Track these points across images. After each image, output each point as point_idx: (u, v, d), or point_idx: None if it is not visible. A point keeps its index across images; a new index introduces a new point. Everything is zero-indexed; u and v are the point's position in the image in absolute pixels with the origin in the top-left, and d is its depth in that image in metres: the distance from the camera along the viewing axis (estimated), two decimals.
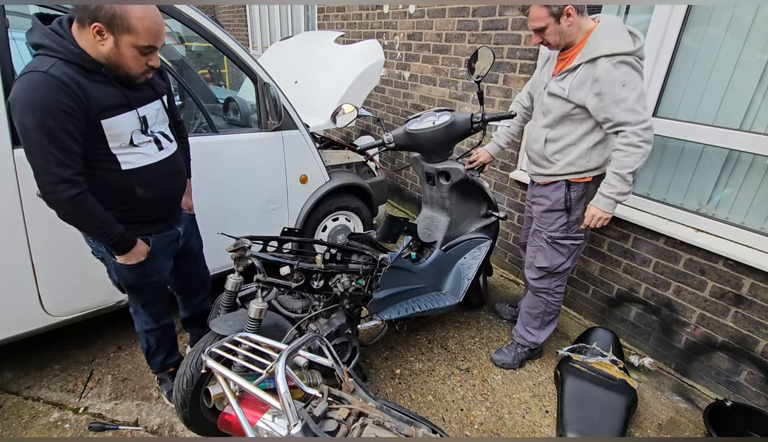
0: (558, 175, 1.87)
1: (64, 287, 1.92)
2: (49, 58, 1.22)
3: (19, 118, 1.19)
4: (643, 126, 1.59)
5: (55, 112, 1.18)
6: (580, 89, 1.69)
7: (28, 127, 1.18)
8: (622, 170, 1.65)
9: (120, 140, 1.36)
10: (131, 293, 1.64)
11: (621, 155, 1.64)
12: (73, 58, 1.23)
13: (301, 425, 0.93)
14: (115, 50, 1.25)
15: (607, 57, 1.60)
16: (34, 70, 1.19)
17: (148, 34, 1.25)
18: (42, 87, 1.18)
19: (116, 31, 1.22)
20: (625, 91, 1.58)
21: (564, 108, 1.76)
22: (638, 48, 1.60)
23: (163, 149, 1.50)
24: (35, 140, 1.19)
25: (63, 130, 1.20)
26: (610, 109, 1.62)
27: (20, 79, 1.20)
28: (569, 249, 1.96)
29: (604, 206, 1.74)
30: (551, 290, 2.07)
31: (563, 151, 1.83)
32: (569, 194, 1.87)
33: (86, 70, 1.26)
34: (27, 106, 1.17)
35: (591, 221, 1.79)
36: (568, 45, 1.74)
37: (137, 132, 1.41)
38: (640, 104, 1.59)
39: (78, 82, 1.23)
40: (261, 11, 6.76)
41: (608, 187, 1.71)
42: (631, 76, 1.58)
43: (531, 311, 2.16)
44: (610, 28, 1.65)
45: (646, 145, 1.61)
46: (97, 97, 1.27)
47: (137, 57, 1.28)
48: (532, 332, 2.19)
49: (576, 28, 1.68)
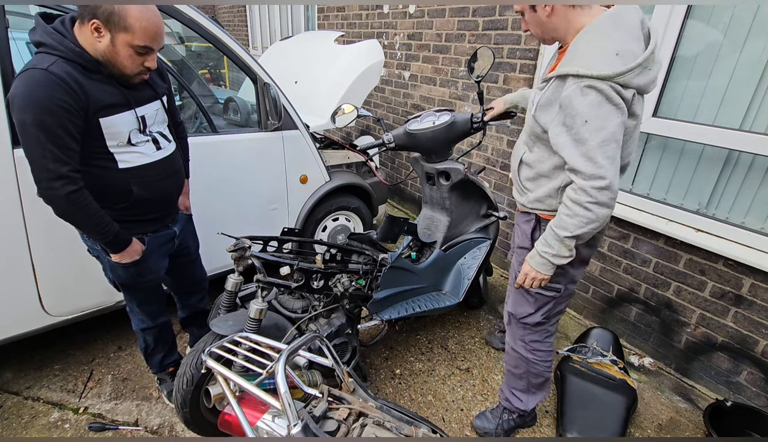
0: (527, 208, 1.52)
1: (64, 287, 1.92)
2: (50, 56, 1.22)
3: (18, 115, 1.19)
4: (598, 185, 1.18)
5: (54, 109, 1.19)
6: (547, 110, 1.30)
7: (27, 124, 1.18)
8: (560, 230, 1.29)
9: (118, 139, 1.37)
10: (126, 292, 1.64)
11: (563, 211, 1.28)
12: (73, 56, 1.24)
13: (301, 425, 0.93)
14: (111, 48, 1.25)
15: (574, 77, 1.19)
16: (34, 67, 1.20)
17: (144, 34, 1.25)
18: (42, 84, 1.18)
19: (113, 29, 1.23)
20: (587, 129, 1.17)
21: (535, 127, 1.37)
22: (623, 71, 1.13)
23: (161, 149, 1.51)
24: (33, 137, 1.19)
25: (61, 127, 1.21)
26: (568, 149, 1.22)
27: (20, 76, 1.20)
28: (536, 300, 1.56)
29: (537, 265, 1.39)
30: (526, 344, 1.68)
31: (535, 182, 1.46)
32: (538, 232, 1.50)
33: (86, 68, 1.27)
34: (26, 102, 1.18)
35: (523, 279, 1.45)
36: (560, 41, 1.36)
37: (135, 131, 1.41)
38: (603, 152, 1.16)
39: (77, 81, 1.23)
40: (261, 11, 6.76)
41: (544, 245, 1.35)
42: (599, 111, 1.15)
43: (513, 369, 1.77)
44: (601, 31, 1.19)
45: (598, 209, 1.20)
46: (96, 95, 1.28)
47: (132, 56, 1.29)
48: (519, 396, 1.79)
49: (563, 22, 1.27)
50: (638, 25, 1.19)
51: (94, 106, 1.27)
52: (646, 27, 1.22)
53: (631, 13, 1.20)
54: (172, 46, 4.00)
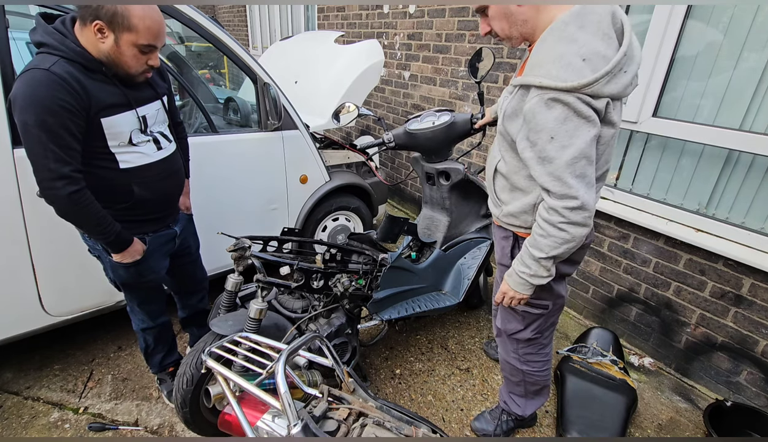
0: (502, 222, 1.41)
1: (64, 287, 1.92)
2: (51, 57, 1.22)
3: (19, 115, 1.19)
4: (569, 205, 1.07)
5: (56, 109, 1.19)
6: (513, 120, 1.19)
7: (29, 124, 1.19)
8: (535, 251, 1.19)
9: (119, 139, 1.37)
10: (127, 292, 1.64)
11: (537, 231, 1.17)
12: (74, 56, 1.24)
13: (301, 425, 0.93)
14: (115, 48, 1.26)
15: (537, 88, 1.06)
16: (35, 67, 1.20)
17: (148, 33, 1.26)
18: (43, 84, 1.18)
19: (117, 30, 1.23)
20: (553, 147, 1.05)
21: (505, 136, 1.25)
22: (591, 81, 0.99)
23: (162, 149, 1.51)
24: (35, 137, 1.19)
25: (63, 128, 1.21)
26: (534, 167, 1.12)
27: (21, 77, 1.20)
28: (524, 318, 1.49)
29: (515, 285, 1.30)
30: (519, 356, 1.60)
31: (511, 194, 1.33)
32: (517, 251, 1.39)
33: (87, 68, 1.27)
34: (28, 102, 1.18)
35: (501, 298, 1.37)
36: (528, 39, 1.19)
37: (136, 131, 1.41)
38: (571, 171, 1.05)
39: (79, 81, 1.23)
40: (261, 11, 6.76)
41: (521, 264, 1.26)
42: (566, 126, 1.03)
43: (510, 377, 1.71)
44: (562, 32, 1.04)
45: (572, 229, 1.10)
46: (98, 95, 1.28)
47: (137, 56, 1.29)
48: (517, 401, 1.75)
49: (532, 11, 1.11)
50: (608, 21, 1.04)
51: (96, 106, 1.28)
52: (619, 21, 1.06)
53: (598, 7, 1.04)
54: (172, 46, 4.00)
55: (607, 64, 1.00)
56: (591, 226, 1.14)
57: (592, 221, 1.13)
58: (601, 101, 1.04)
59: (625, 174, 2.37)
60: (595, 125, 1.05)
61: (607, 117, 1.09)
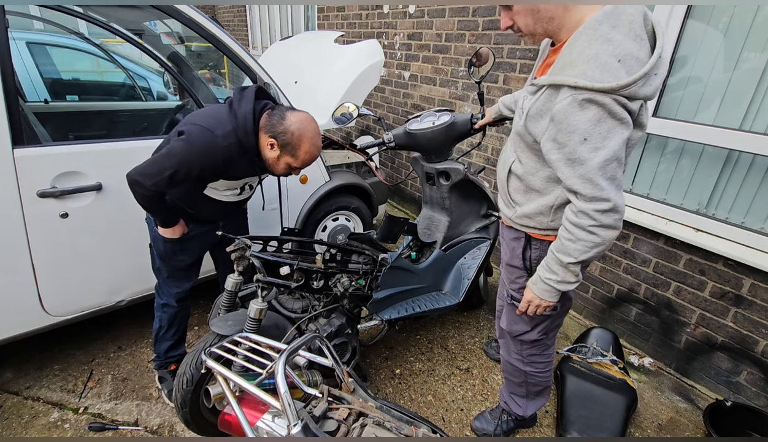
0: (515, 223, 1.40)
1: (64, 287, 1.92)
2: (229, 125, 1.47)
3: (175, 144, 1.43)
4: (601, 207, 1.07)
5: (198, 165, 1.45)
6: (538, 120, 1.16)
7: (175, 154, 1.42)
8: (563, 256, 1.17)
9: (216, 187, 1.67)
10: (160, 263, 1.79)
11: (565, 235, 1.16)
12: (244, 138, 1.49)
13: (301, 425, 0.93)
14: (275, 160, 1.55)
15: (570, 88, 1.03)
16: (214, 129, 1.45)
17: (303, 163, 1.56)
18: (208, 150, 1.44)
19: (283, 152, 1.52)
20: (585, 149, 1.03)
21: (525, 136, 1.24)
22: (628, 83, 0.98)
23: (241, 194, 1.79)
24: (167, 162, 1.42)
25: (188, 176, 1.46)
26: (562, 169, 1.10)
27: (201, 123, 1.46)
28: (532, 319, 1.48)
29: (541, 293, 1.28)
30: (523, 358, 1.60)
31: (526, 195, 1.32)
32: (529, 252, 1.39)
33: (245, 151, 1.52)
34: (188, 150, 1.42)
35: (526, 307, 1.36)
36: (552, 37, 1.18)
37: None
38: (604, 174, 1.04)
39: (231, 156, 1.49)
40: (261, 11, 6.76)
41: (547, 271, 1.24)
42: (600, 128, 1.02)
43: (511, 378, 1.72)
44: (596, 32, 1.02)
45: (603, 232, 1.10)
46: (235, 169, 1.58)
47: (287, 169, 1.59)
48: (518, 402, 1.75)
49: (560, 9, 1.09)
50: (640, 21, 1.02)
51: (226, 173, 1.58)
52: (650, 23, 1.05)
53: (630, 8, 1.03)
54: (172, 46, 4.00)
55: (640, 66, 1.00)
56: (620, 229, 1.13)
57: (621, 224, 1.13)
58: (636, 103, 1.03)
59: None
60: (628, 127, 1.05)
61: (639, 119, 1.09)
